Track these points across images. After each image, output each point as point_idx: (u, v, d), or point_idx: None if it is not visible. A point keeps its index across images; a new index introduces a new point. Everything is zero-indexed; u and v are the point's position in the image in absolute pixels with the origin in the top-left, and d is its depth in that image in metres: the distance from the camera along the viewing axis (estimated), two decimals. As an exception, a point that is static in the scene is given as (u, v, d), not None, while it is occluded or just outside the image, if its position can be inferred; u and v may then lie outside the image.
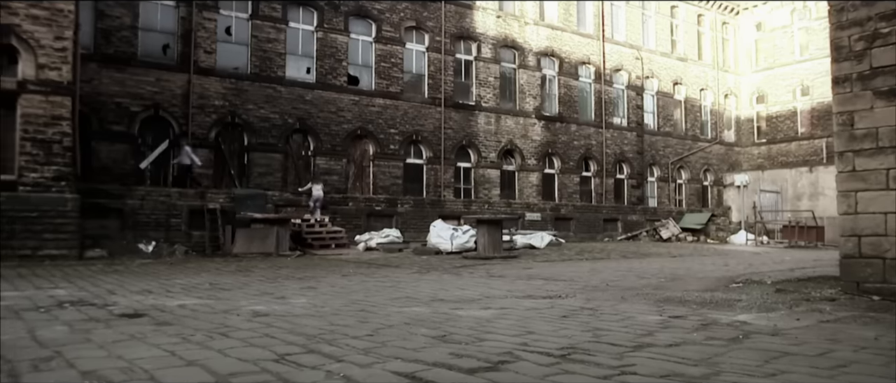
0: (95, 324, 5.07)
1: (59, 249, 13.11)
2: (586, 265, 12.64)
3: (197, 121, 18.96)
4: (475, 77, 24.47)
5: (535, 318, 5.34)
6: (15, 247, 12.74)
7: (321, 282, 8.92)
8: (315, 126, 20.81)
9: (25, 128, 13.20)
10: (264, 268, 11.97)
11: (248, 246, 15.05)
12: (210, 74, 19.28)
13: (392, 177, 22.12)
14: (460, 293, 7.48)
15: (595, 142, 27.42)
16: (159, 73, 18.59)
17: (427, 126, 22.98)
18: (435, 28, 23.48)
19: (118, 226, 15.27)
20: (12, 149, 13.18)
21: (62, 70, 13.51)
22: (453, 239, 15.07)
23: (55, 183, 13.31)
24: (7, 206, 12.78)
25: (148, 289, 7.94)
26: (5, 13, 13.02)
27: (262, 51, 20.20)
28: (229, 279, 9.59)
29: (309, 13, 21.21)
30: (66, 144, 13.47)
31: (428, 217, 19.52)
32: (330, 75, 21.29)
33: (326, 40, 21.33)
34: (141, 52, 18.49)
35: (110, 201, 15.24)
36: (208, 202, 16.23)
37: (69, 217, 13.32)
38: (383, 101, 22.18)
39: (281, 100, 20.33)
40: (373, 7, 22.24)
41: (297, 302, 6.68)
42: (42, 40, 13.35)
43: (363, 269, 11.74)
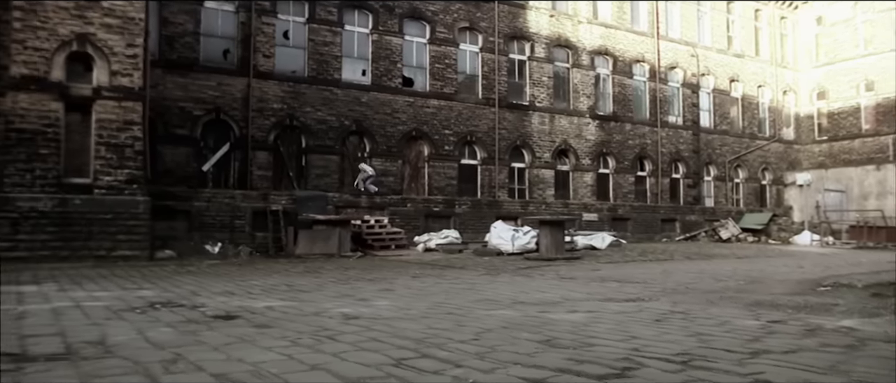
0: (197, 326, 5.18)
1: (132, 250, 13.48)
2: (654, 267, 12.45)
3: (256, 124, 19.28)
4: (529, 77, 24.35)
5: (629, 323, 5.27)
6: (92, 247, 13.17)
7: (395, 284, 8.97)
8: (371, 128, 20.96)
9: (100, 133, 13.61)
10: (331, 269, 12.11)
11: (310, 247, 15.25)
12: (269, 78, 19.59)
13: (447, 177, 22.16)
14: (540, 295, 7.44)
15: (650, 141, 27.02)
16: (220, 77, 18.96)
17: (481, 127, 22.95)
18: (488, 28, 23.43)
19: (185, 228, 15.64)
20: (88, 154, 13.61)
21: (133, 76, 13.89)
22: (514, 240, 15.03)
23: (128, 186, 13.69)
24: (84, 209, 13.21)
25: (229, 290, 8.10)
26: (82, 22, 13.44)
27: (318, 54, 20.43)
28: (302, 280, 9.72)
29: (364, 16, 21.38)
30: (137, 148, 13.85)
31: (485, 218, 19.50)
32: (385, 77, 21.43)
33: (381, 42, 21.47)
34: (203, 57, 18.88)
35: (177, 203, 15.62)
36: (271, 204, 16.51)
37: (141, 219, 13.69)
38: (438, 103, 22.23)
39: (337, 103, 20.54)
40: (427, 8, 22.31)
41: (380, 304, 6.72)
42: (115, 48, 13.75)
43: (430, 270, 11.79)
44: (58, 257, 12.79)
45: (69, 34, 13.40)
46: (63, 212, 13.07)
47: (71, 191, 13.27)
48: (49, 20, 13.25)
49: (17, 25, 13.06)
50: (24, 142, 12.98)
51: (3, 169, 12.83)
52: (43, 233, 12.86)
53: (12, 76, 12.96)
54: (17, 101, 12.96)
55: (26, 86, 13.01)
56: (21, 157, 12.93)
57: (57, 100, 13.29)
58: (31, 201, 12.85)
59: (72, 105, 13.50)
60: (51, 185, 13.09)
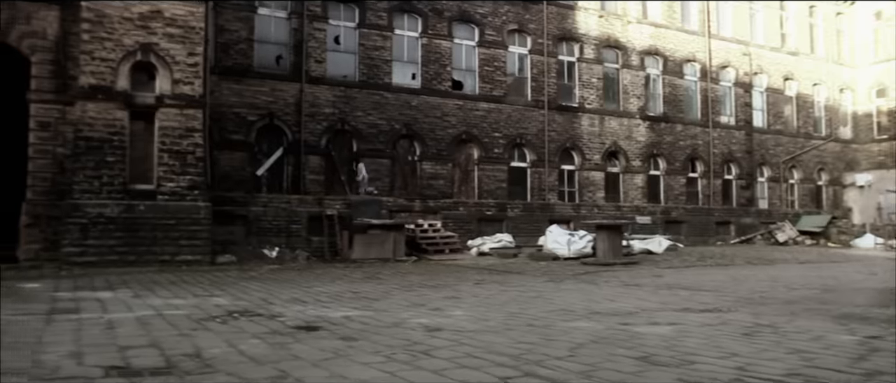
0: (283, 338, 5.24)
1: (194, 255, 13.75)
2: (718, 273, 12.21)
3: (309, 129, 19.46)
4: (578, 78, 24.11)
5: (718, 337, 5.16)
6: (156, 252, 13.47)
7: (460, 292, 8.96)
8: (421, 131, 21.00)
9: (162, 141, 13.91)
10: (390, 274, 12.16)
11: (366, 251, 15.35)
12: (321, 83, 19.76)
13: (497, 181, 22.08)
14: (612, 305, 7.34)
15: (701, 141, 26.52)
16: (274, 83, 19.18)
17: (531, 129, 22.82)
18: (537, 30, 23.28)
19: (243, 233, 15.89)
20: (151, 160, 13.92)
21: (194, 84, 14.16)
22: (570, 244, 14.91)
23: (189, 191, 13.96)
24: (149, 214, 13.51)
25: (298, 298, 8.19)
26: (145, 33, 13.76)
27: (369, 58, 20.54)
28: (366, 287, 9.78)
29: (414, 20, 21.43)
30: (198, 155, 14.12)
31: (537, 221, 19.37)
32: (435, 80, 21.45)
33: (431, 46, 21.50)
34: (257, 63, 19.12)
35: (236, 208, 15.88)
36: (326, 209, 16.68)
37: (202, 224, 13.95)
38: (487, 105, 22.17)
39: (388, 107, 20.62)
40: (476, 11, 22.27)
41: (456, 314, 6.72)
42: (177, 57, 14.04)
43: (490, 276, 11.77)
44: (124, 261, 13.11)
45: (134, 44, 13.73)
46: (129, 218, 13.39)
47: (136, 197, 13.59)
48: (115, 31, 13.59)
49: (86, 37, 13.43)
50: (93, 150, 13.33)
51: (73, 176, 13.22)
52: (110, 239, 13.20)
53: (81, 86, 13.34)
54: (86, 111, 13.33)
55: (94, 95, 13.37)
56: (90, 165, 13.29)
57: (122, 109, 13.62)
58: (99, 207, 13.20)
59: (136, 113, 13.82)
60: (117, 192, 13.42)
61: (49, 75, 13.53)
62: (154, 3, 13.94)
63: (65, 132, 13.55)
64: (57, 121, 13.53)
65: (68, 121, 13.54)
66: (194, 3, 14.30)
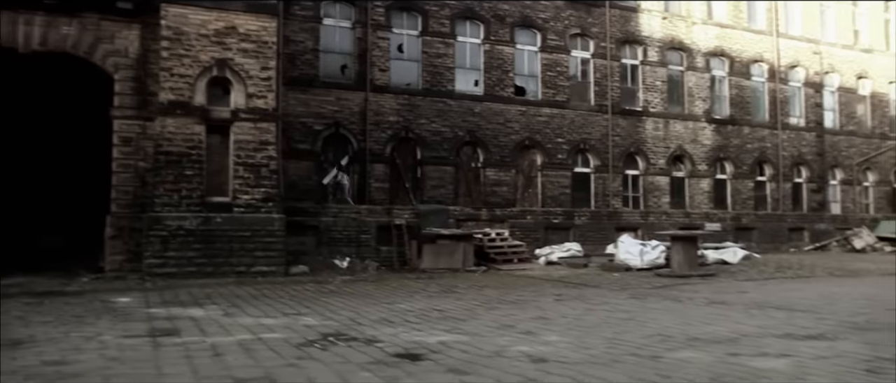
0: (391, 370, 5.25)
1: (269, 266, 13.97)
2: (803, 287, 11.83)
3: (374, 137, 19.60)
4: (641, 82, 23.71)
5: (841, 373, 4.98)
6: (233, 263, 13.74)
7: (545, 310, 8.87)
8: (484, 138, 20.94)
9: (238, 154, 14.19)
10: (465, 288, 12.14)
11: (435, 261, 15.38)
12: (385, 91, 19.88)
13: (560, 187, 21.87)
14: (709, 329, 7.16)
15: (770, 144, 25.78)
16: (339, 92, 19.38)
17: (594, 134, 22.54)
18: (599, 34, 22.97)
19: (314, 243, 16.11)
20: (227, 173, 14.21)
21: (268, 98, 14.41)
22: (643, 255, 14.66)
23: (264, 204, 14.21)
24: (225, 226, 13.80)
25: (386, 318, 8.21)
26: (221, 49, 14.06)
27: (432, 66, 20.58)
28: (447, 303, 9.78)
29: (476, 27, 21.39)
30: (272, 168, 14.36)
31: (604, 229, 19.12)
32: (497, 87, 21.36)
33: (493, 52, 21.42)
34: (322, 73, 19.34)
35: (307, 219, 16.11)
36: (394, 218, 16.79)
37: (277, 236, 14.17)
38: (550, 111, 21.98)
39: (451, 114, 20.63)
40: (537, 17, 22.10)
41: (551, 339, 6.65)
42: (250, 71, 14.30)
43: (567, 290, 11.66)
44: (202, 273, 13.42)
45: (210, 60, 14.04)
46: (206, 230, 13.69)
47: (213, 209, 13.89)
48: (192, 48, 13.92)
49: (165, 54, 13.79)
50: (172, 163, 13.68)
51: (154, 190, 13.59)
52: (189, 250, 13.52)
53: (161, 102, 13.70)
54: (166, 126, 13.69)
55: (173, 111, 13.73)
56: (169, 178, 13.64)
57: (199, 124, 13.95)
58: (178, 220, 13.53)
59: (212, 127, 14.13)
60: (195, 205, 13.74)
61: (130, 92, 13.93)
62: (229, 20, 14.23)
63: (145, 147, 13.93)
64: (138, 136, 13.93)
65: (149, 135, 13.91)
66: (267, 18, 14.55)
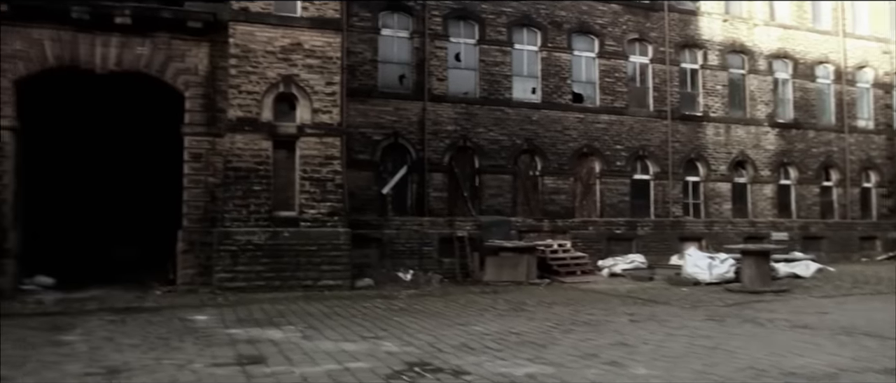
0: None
1: (335, 280, 14.14)
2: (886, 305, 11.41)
3: (432, 147, 19.65)
4: (701, 86, 23.25)
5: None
6: (300, 277, 13.94)
7: (624, 335, 8.73)
8: (542, 146, 20.81)
9: (303, 169, 14.39)
10: (533, 304, 12.08)
11: (498, 274, 15.35)
12: (443, 100, 19.91)
13: (619, 194, 21.59)
14: (802, 361, 6.95)
15: (836, 148, 25.00)
16: (397, 102, 19.48)
17: (653, 140, 22.19)
18: (658, 38, 22.60)
19: (377, 255, 16.25)
20: (293, 188, 14.42)
21: (332, 113, 14.58)
22: (711, 268, 14.35)
23: (330, 218, 14.37)
24: (292, 241, 14.01)
25: (465, 343, 8.20)
26: (287, 65, 14.27)
27: (489, 74, 20.53)
28: (520, 324, 9.74)
29: (533, 34, 21.26)
30: (338, 182, 14.51)
31: (667, 239, 18.80)
32: (555, 94, 21.20)
33: (550, 59, 21.27)
34: (380, 83, 19.47)
35: (370, 231, 16.24)
36: (456, 230, 16.81)
37: (342, 250, 14.32)
38: (608, 117, 21.73)
39: (508, 122, 20.55)
40: (595, 22, 21.85)
41: (639, 372, 6.55)
42: (316, 87, 14.49)
43: (636, 307, 11.52)
44: (270, 287, 13.66)
45: (276, 77, 14.27)
46: (274, 245, 13.92)
47: (280, 224, 14.11)
48: (259, 65, 14.16)
49: (234, 72, 14.06)
50: (241, 179, 13.95)
51: (224, 205, 13.86)
52: (258, 265, 13.76)
53: (230, 119, 13.98)
54: (234, 142, 13.96)
55: (241, 127, 13.99)
56: (238, 194, 13.90)
57: (267, 139, 14.19)
58: (247, 235, 13.79)
59: (279, 142, 14.37)
60: (263, 219, 13.98)
61: (200, 109, 14.24)
62: (294, 36, 14.43)
63: (215, 162, 14.22)
64: (208, 152, 14.22)
65: (218, 151, 14.20)
66: (331, 33, 14.71)
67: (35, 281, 14.29)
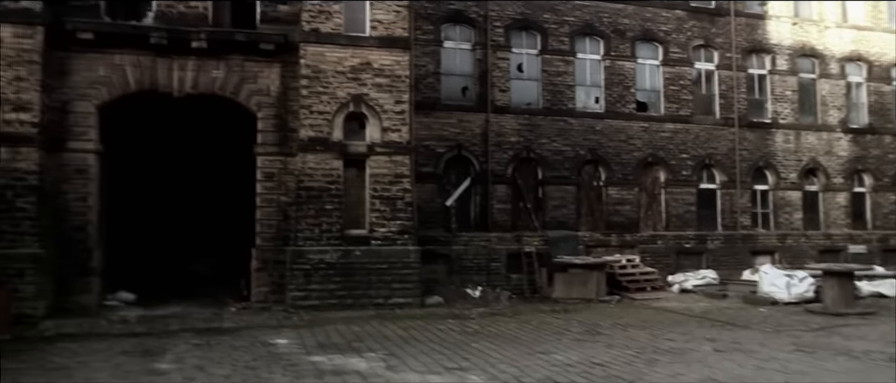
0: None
1: (405, 297, 14.24)
2: None
3: (495, 158, 19.61)
4: (770, 92, 22.63)
5: None
6: (371, 296, 14.09)
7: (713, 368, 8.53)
8: (606, 156, 20.56)
9: (374, 187, 14.53)
10: (608, 326, 11.94)
11: (567, 291, 15.23)
12: (505, 112, 19.85)
13: (685, 204, 21.18)
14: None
15: (914, 153, 24.03)
16: (460, 114, 19.50)
17: (720, 149, 21.70)
18: (724, 44, 22.08)
19: (445, 271, 16.31)
20: (363, 206, 14.58)
21: (402, 131, 14.67)
22: (790, 287, 13.96)
23: (400, 236, 14.47)
24: (364, 259, 14.16)
25: (550, 377, 8.14)
26: (356, 85, 14.43)
27: (552, 84, 20.39)
28: (600, 352, 9.63)
29: (595, 43, 21.02)
30: (407, 200, 14.60)
31: (738, 253, 18.36)
32: (618, 103, 20.92)
33: (613, 68, 20.99)
34: (443, 96, 19.50)
35: (438, 247, 16.32)
36: (524, 246, 16.74)
37: (412, 268, 14.41)
38: (673, 126, 21.34)
39: (572, 133, 20.37)
40: (659, 30, 21.47)
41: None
42: (385, 106, 14.61)
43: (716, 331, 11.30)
44: (343, 305, 13.84)
45: (346, 96, 14.44)
46: (346, 263, 14.10)
47: (351, 242, 14.27)
48: (330, 85, 14.35)
49: (305, 92, 14.27)
50: (313, 198, 14.16)
51: (296, 224, 14.09)
52: (330, 283, 13.96)
53: (301, 139, 14.20)
54: (306, 162, 14.17)
55: (313, 147, 14.20)
56: (310, 213, 14.11)
57: (337, 159, 14.37)
58: (319, 254, 13.99)
59: (349, 161, 14.54)
60: (335, 238, 14.16)
61: (272, 129, 14.49)
62: (364, 56, 14.58)
63: (287, 182, 14.45)
64: (280, 171, 14.47)
65: (289, 171, 14.43)
66: (399, 52, 14.81)
67: (117, 296, 14.79)
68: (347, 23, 14.64)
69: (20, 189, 12.80)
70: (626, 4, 21.23)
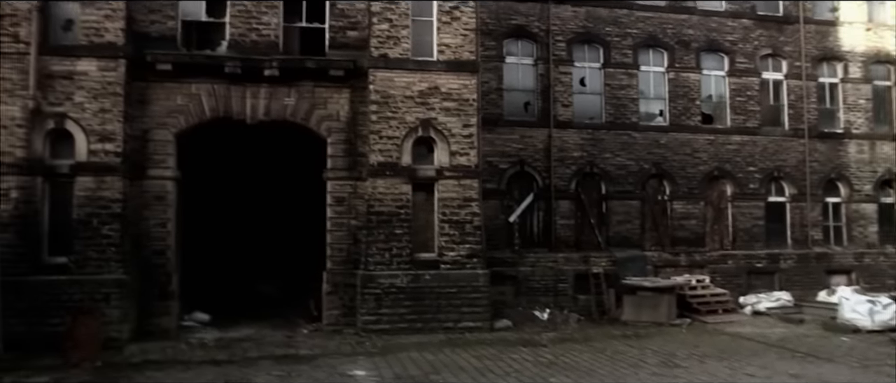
0: None
1: (474, 321, 14.30)
2: None
3: (558, 174, 19.49)
4: (842, 101, 21.93)
5: None
6: (441, 320, 14.19)
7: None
8: (670, 169, 20.25)
9: (442, 211, 14.61)
10: (684, 356, 11.77)
11: (636, 313, 15.08)
12: (568, 127, 19.71)
13: (752, 218, 20.69)
14: None
15: None
16: (523, 130, 19.44)
17: (789, 161, 21.15)
18: (793, 53, 21.49)
19: (512, 293, 16.32)
20: (432, 230, 14.67)
21: (470, 155, 14.72)
22: (873, 314, 13.52)
23: (469, 260, 14.52)
24: (433, 283, 14.26)
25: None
26: (425, 109, 14.53)
27: (615, 98, 20.17)
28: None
29: (659, 54, 20.71)
30: (476, 224, 14.64)
31: (812, 273, 17.87)
32: (683, 116, 20.57)
33: (678, 80, 20.65)
34: (506, 111, 19.48)
35: (505, 269, 16.34)
36: (592, 267, 16.62)
37: (481, 291, 14.45)
38: (740, 138, 20.88)
39: (635, 146, 20.12)
40: (724, 39, 21.03)
41: None
42: (453, 129, 14.68)
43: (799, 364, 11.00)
44: (412, 329, 13.98)
45: (415, 121, 14.55)
46: (415, 288, 14.22)
47: (420, 266, 14.38)
48: (398, 110, 14.49)
49: (374, 118, 14.44)
50: (383, 223, 14.31)
51: (367, 248, 14.26)
52: (400, 307, 14.10)
53: (371, 164, 14.36)
54: (376, 187, 14.34)
55: (383, 172, 14.35)
56: (380, 238, 14.27)
57: (407, 183, 14.49)
58: (390, 278, 14.14)
59: (417, 186, 14.66)
60: (405, 262, 14.29)
61: (342, 154, 14.69)
62: (432, 80, 14.67)
63: (357, 206, 14.64)
64: (350, 196, 14.67)
65: (359, 195, 14.62)
66: (467, 76, 14.86)
67: (193, 317, 15.24)
68: (415, 47, 14.75)
69: (105, 217, 13.28)
70: (690, 15, 20.88)
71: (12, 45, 13.09)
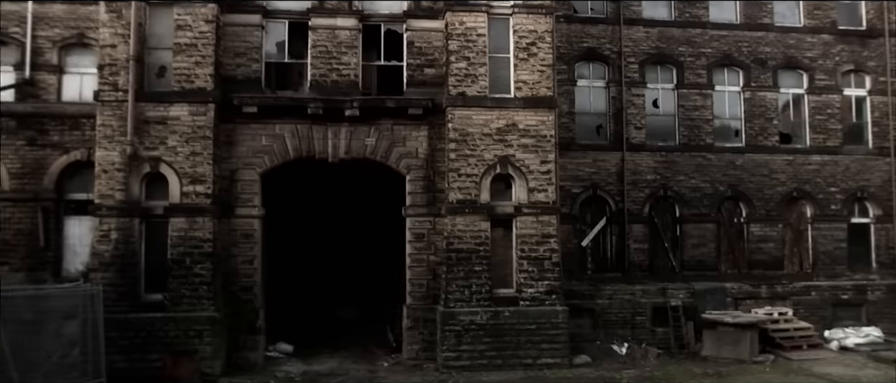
0: None
1: (553, 358, 14.35)
2: None
3: (631, 198, 19.33)
4: (931, 116, 21.09)
5: None
6: (520, 356, 14.29)
7: None
8: (747, 191, 19.83)
9: (521, 248, 14.68)
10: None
11: (717, 349, 14.88)
12: (641, 150, 19.50)
13: (834, 240, 20.10)
14: None
15: None
16: (595, 153, 19.33)
17: (873, 180, 20.44)
18: (877, 68, 20.73)
19: (589, 326, 16.29)
20: (510, 266, 14.78)
21: (548, 191, 14.74)
22: (973, 357, 13.02)
23: (548, 296, 14.57)
24: (512, 320, 14.36)
25: None
26: (502, 146, 14.63)
27: (689, 119, 19.85)
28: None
29: (734, 74, 20.28)
30: (554, 260, 14.66)
31: (903, 305, 17.30)
32: (760, 136, 20.10)
33: (754, 99, 20.18)
34: (578, 135, 19.40)
35: (582, 302, 16.31)
36: (670, 298, 16.46)
37: (560, 328, 14.48)
38: (820, 158, 20.28)
39: (710, 168, 19.77)
40: (803, 56, 20.43)
41: None
42: (531, 166, 14.71)
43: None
44: (492, 365, 14.13)
45: (493, 158, 14.65)
46: (495, 324, 14.33)
47: (499, 303, 14.50)
48: (477, 148, 14.61)
49: (452, 155, 14.59)
50: (462, 260, 14.47)
51: (447, 285, 14.46)
52: (480, 344, 14.25)
53: (450, 201, 14.54)
54: (455, 224, 14.50)
55: (462, 209, 14.51)
56: (460, 275, 14.44)
57: (485, 220, 14.61)
58: (469, 315, 14.30)
59: (496, 222, 14.76)
60: (484, 299, 14.43)
61: (421, 190, 14.92)
62: (509, 117, 14.74)
63: (436, 242, 14.85)
64: (429, 232, 14.88)
65: (438, 231, 14.82)
66: (544, 112, 14.87)
67: (277, 348, 15.71)
68: (492, 84, 14.83)
69: (197, 256, 13.84)
70: (766, 32, 20.38)
71: (111, 93, 13.76)
